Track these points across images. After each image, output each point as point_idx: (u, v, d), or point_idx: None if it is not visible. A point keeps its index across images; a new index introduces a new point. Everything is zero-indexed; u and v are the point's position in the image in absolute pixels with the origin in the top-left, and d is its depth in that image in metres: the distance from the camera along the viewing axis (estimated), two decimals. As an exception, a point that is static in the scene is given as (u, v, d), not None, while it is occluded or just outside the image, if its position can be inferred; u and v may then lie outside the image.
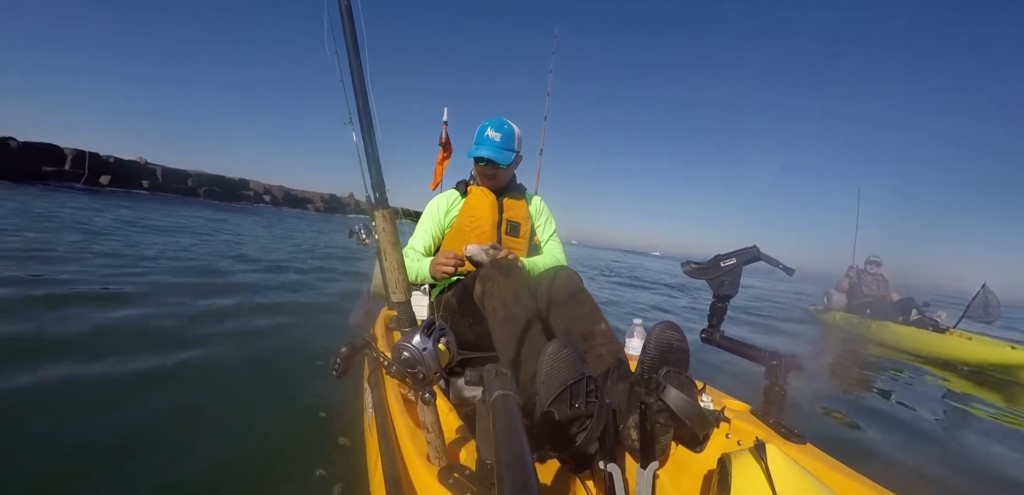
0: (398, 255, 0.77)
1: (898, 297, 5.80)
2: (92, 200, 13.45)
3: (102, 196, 16.72)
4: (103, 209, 10.90)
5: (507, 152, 1.57)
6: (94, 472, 1.34)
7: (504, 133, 1.57)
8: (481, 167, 1.60)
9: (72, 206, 10.57)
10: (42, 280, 3.27)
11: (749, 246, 1.24)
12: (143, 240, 6.32)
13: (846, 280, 6.46)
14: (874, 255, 6.27)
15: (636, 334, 1.77)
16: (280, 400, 1.93)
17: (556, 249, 1.72)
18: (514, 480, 0.49)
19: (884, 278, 6.16)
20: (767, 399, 1.04)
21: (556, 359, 0.85)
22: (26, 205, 9.38)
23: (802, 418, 2.39)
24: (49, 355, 2.03)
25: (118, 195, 19.00)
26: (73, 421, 1.57)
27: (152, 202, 16.62)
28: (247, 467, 1.47)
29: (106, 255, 4.70)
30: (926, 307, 5.32)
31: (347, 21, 0.72)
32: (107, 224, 7.77)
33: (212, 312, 3.10)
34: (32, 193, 13.56)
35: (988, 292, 5.05)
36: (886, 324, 5.48)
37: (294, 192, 33.94)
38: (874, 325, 5.61)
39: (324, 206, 34.41)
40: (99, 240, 5.72)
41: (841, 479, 0.82)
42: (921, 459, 2.10)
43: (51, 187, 17.38)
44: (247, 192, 30.21)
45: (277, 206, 30.64)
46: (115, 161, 23.51)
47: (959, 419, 2.91)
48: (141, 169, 24.82)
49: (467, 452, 0.88)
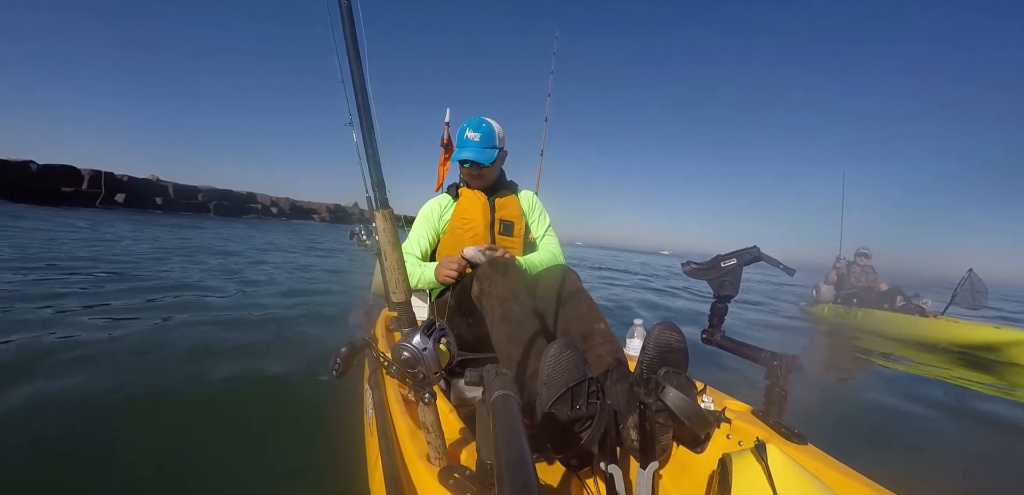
0: (398, 255, 0.77)
1: (886, 287, 5.77)
2: (148, 220, 13.72)
3: (153, 218, 16.94)
4: (170, 230, 10.99)
5: (488, 150, 1.55)
6: (80, 464, 1.34)
7: (483, 132, 1.55)
8: (466, 169, 1.59)
9: (157, 228, 10.79)
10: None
11: (750, 246, 1.23)
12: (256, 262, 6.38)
13: (834, 271, 6.43)
14: (863, 247, 6.23)
15: (636, 334, 1.77)
16: (280, 400, 1.94)
17: (552, 245, 1.69)
18: (514, 480, 0.49)
19: (873, 269, 6.13)
20: (768, 399, 1.04)
21: (558, 360, 0.85)
22: (97, 225, 9.65)
23: (803, 418, 2.39)
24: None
25: (170, 215, 19.70)
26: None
27: (208, 222, 17.08)
28: (247, 467, 1.47)
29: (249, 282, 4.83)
30: (915, 296, 5.31)
31: (347, 21, 0.72)
32: (203, 244, 7.91)
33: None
34: (80, 215, 13.66)
35: (974, 277, 5.03)
36: (871, 312, 5.49)
37: (300, 203, 34.16)
38: (859, 313, 5.61)
39: (330, 216, 34.61)
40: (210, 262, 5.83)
41: (842, 479, 0.81)
42: (917, 453, 2.11)
43: (78, 208, 17.77)
44: (255, 205, 30.52)
45: (285, 218, 30.97)
46: (129, 179, 23.95)
47: (953, 407, 2.92)
48: (154, 186, 25.23)
49: (467, 452, 0.88)
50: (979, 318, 4.95)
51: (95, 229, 9.20)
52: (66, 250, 5.81)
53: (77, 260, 5.12)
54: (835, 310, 6.07)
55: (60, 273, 4.23)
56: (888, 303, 5.46)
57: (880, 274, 6.06)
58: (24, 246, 5.79)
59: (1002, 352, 4.07)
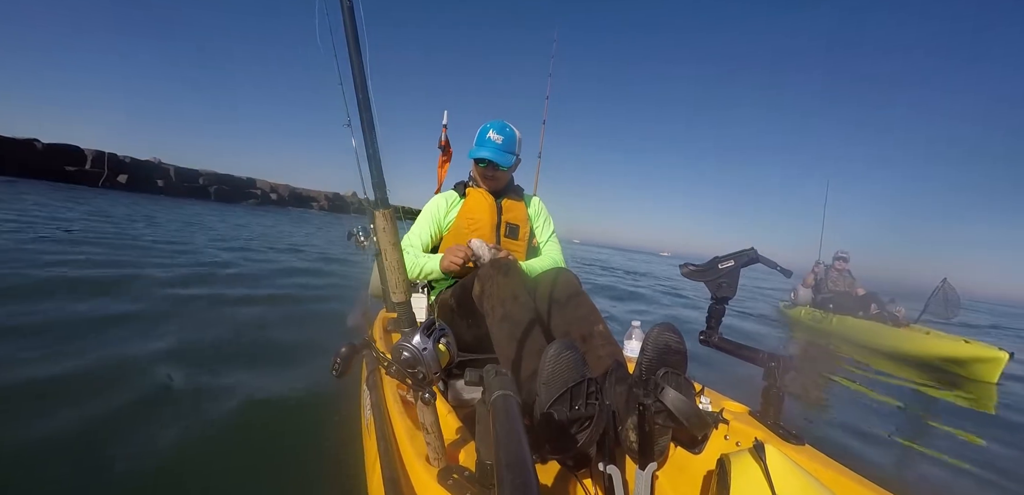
0: (398, 255, 0.77)
1: (863, 292, 5.78)
2: (169, 202, 13.84)
3: (164, 199, 17.17)
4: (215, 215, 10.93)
5: (508, 155, 1.59)
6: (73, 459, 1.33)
7: (506, 136, 1.59)
8: (481, 168, 1.60)
9: (188, 212, 10.74)
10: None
11: (747, 248, 1.24)
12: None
13: (812, 275, 6.44)
14: (842, 251, 6.24)
15: (634, 336, 1.77)
16: (279, 400, 1.93)
17: (554, 251, 1.72)
18: (514, 481, 0.49)
19: (850, 274, 6.13)
20: (765, 400, 1.04)
21: (558, 361, 0.85)
22: (108, 209, 9.58)
23: (800, 419, 2.40)
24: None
25: (178, 198, 20.03)
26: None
27: (213, 206, 17.18)
28: (247, 466, 1.46)
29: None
30: (892, 303, 5.32)
31: (348, 19, 0.72)
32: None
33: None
34: (91, 195, 13.75)
35: (948, 287, 5.03)
36: (845, 318, 5.51)
37: (300, 191, 34.31)
38: (834, 319, 5.64)
39: (328, 205, 34.77)
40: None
41: (840, 480, 0.82)
42: (907, 455, 2.12)
43: (83, 188, 18.40)
44: (255, 191, 30.64)
45: (283, 205, 31.10)
46: (131, 161, 24.24)
47: (914, 420, 2.94)
48: (156, 169, 25.39)
49: (467, 453, 0.88)
50: (951, 329, 4.95)
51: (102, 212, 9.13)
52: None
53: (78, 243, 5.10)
54: (811, 314, 6.09)
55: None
56: (863, 309, 5.47)
57: (858, 279, 6.06)
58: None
59: (966, 367, 4.08)
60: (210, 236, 8.22)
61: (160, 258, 5.13)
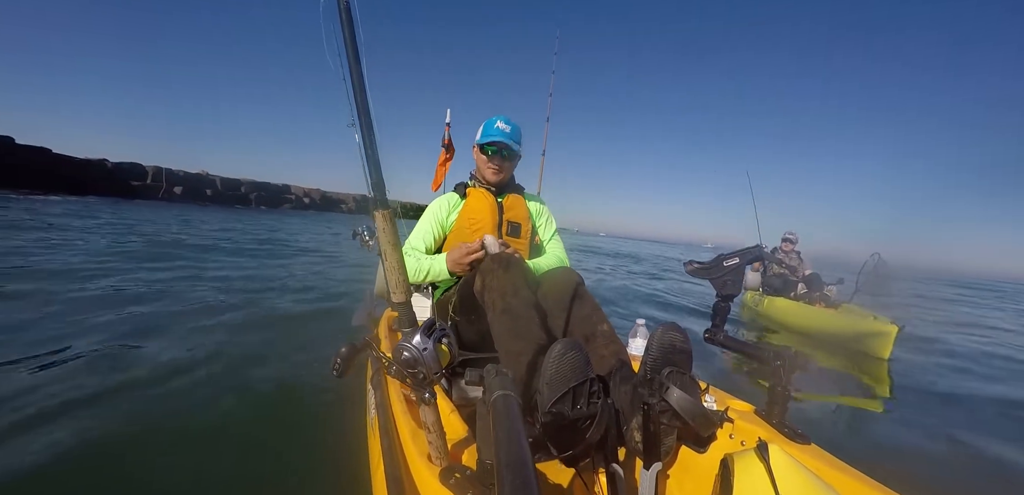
0: (398, 255, 0.77)
1: (809, 271, 5.65)
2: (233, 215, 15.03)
3: (212, 208, 18.92)
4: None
5: (516, 143, 1.62)
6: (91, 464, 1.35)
7: (513, 127, 1.62)
8: (489, 156, 1.60)
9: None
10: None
11: (752, 245, 1.23)
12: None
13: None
14: (789, 232, 6.10)
15: (639, 334, 1.76)
16: (281, 400, 1.94)
17: (558, 250, 1.71)
18: (514, 480, 0.49)
19: (798, 254, 5.98)
20: (770, 399, 1.03)
21: (562, 361, 0.85)
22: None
23: (806, 418, 2.37)
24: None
25: (224, 206, 22.46)
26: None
27: (294, 217, 19.16)
28: (248, 466, 1.48)
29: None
30: (840, 283, 5.22)
31: (346, 23, 0.72)
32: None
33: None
34: (161, 208, 15.09)
35: (879, 262, 4.91)
36: (774, 300, 5.43)
37: (330, 194, 36.08)
38: (766, 301, 5.57)
39: (355, 206, 36.50)
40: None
41: (845, 479, 0.81)
42: (914, 454, 2.09)
43: (152, 201, 20.98)
44: (289, 196, 32.76)
45: (316, 209, 33.17)
46: (184, 174, 26.57)
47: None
48: (205, 180, 27.62)
49: (469, 452, 0.88)
50: (879, 305, 4.71)
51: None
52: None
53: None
54: (752, 297, 5.99)
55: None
56: (795, 291, 5.39)
57: (806, 261, 5.92)
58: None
59: (863, 343, 3.98)
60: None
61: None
